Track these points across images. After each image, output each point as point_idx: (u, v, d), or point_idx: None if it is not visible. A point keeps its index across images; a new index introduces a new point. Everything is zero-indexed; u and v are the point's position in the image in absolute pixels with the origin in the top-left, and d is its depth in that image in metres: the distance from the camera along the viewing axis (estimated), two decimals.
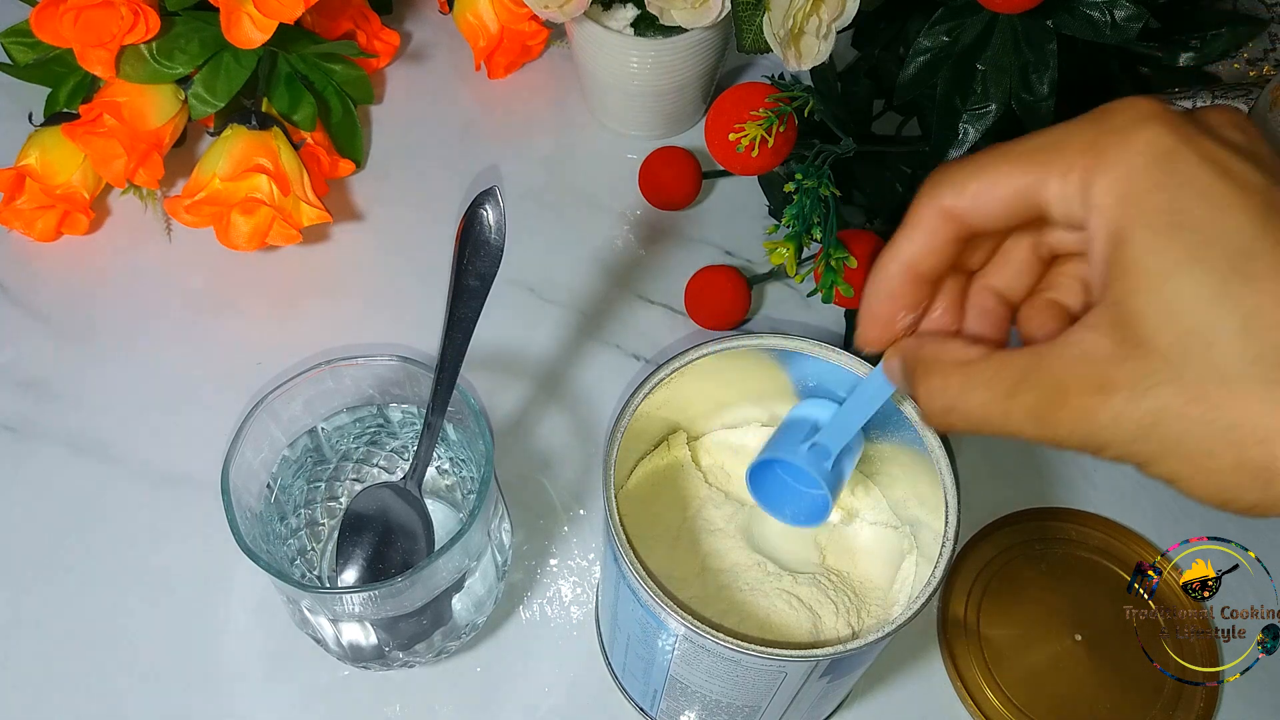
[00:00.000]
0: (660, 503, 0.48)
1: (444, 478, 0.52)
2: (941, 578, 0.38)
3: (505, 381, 0.60)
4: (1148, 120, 0.26)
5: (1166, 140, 0.26)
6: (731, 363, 0.44)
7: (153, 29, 0.58)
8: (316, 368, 0.46)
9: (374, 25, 0.71)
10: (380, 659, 0.47)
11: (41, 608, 0.52)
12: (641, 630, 0.41)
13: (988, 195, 0.29)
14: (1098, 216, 0.26)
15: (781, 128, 0.51)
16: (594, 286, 0.64)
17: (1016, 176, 0.28)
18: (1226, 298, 0.24)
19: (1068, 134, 0.27)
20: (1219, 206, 0.25)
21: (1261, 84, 0.59)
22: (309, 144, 0.64)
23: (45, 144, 0.61)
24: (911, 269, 0.31)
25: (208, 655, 0.51)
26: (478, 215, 0.42)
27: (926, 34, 0.51)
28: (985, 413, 0.29)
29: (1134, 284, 0.25)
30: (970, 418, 0.29)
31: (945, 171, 0.30)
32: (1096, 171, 0.26)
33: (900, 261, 0.31)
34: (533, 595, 0.54)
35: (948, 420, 0.30)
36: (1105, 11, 0.48)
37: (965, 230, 0.30)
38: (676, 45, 0.63)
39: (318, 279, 0.64)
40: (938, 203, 0.30)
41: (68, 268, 0.64)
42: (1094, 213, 0.26)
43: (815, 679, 0.39)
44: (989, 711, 0.50)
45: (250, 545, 0.41)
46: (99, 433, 0.57)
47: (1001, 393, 0.28)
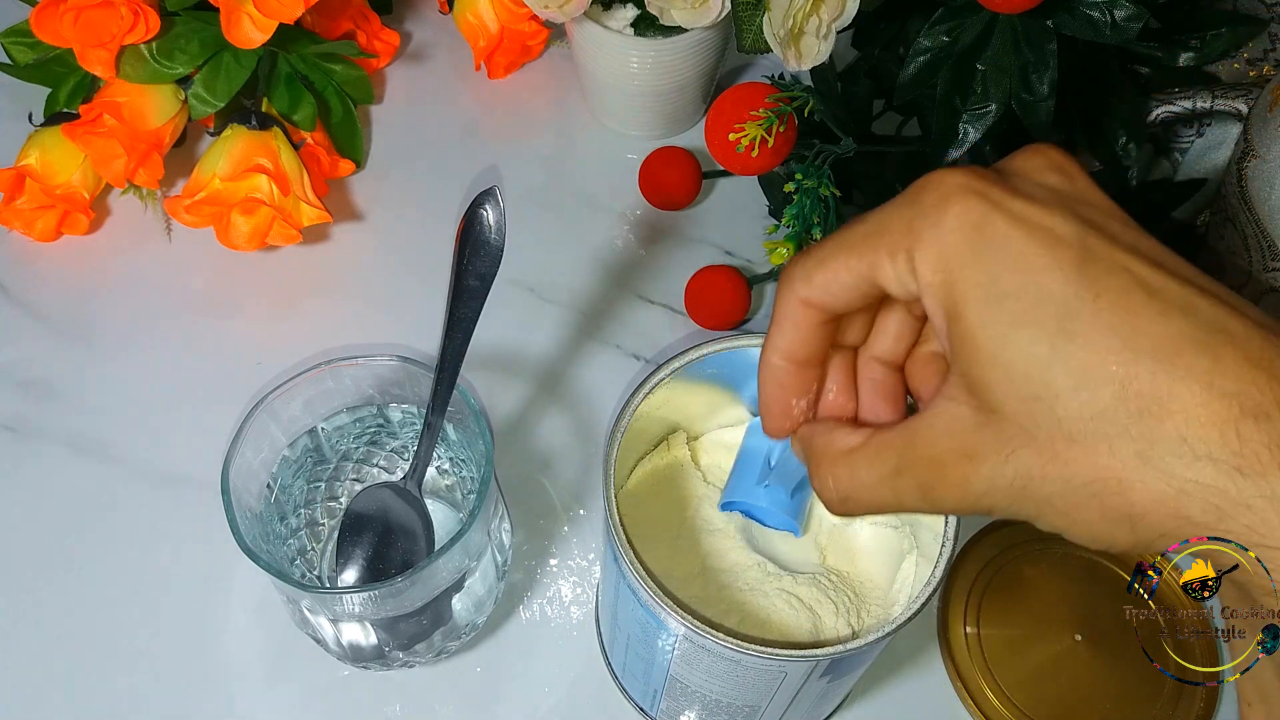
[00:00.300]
0: (660, 503, 0.48)
1: (444, 478, 0.52)
2: (941, 578, 0.38)
3: (505, 381, 0.60)
4: (955, 195, 0.26)
5: (975, 212, 0.26)
6: (731, 363, 0.44)
7: (153, 29, 0.58)
8: (316, 368, 0.46)
9: (374, 25, 0.71)
10: (380, 659, 0.47)
11: (41, 608, 0.52)
12: (641, 630, 0.41)
13: (834, 284, 0.29)
14: (928, 295, 0.27)
15: (781, 128, 0.51)
16: (594, 286, 0.64)
17: (854, 263, 0.29)
18: (1057, 359, 0.25)
19: (888, 218, 0.28)
20: (1034, 269, 0.25)
21: (1261, 84, 0.59)
22: (309, 144, 0.64)
23: (45, 144, 0.61)
24: (789, 358, 0.32)
25: (208, 655, 0.51)
26: (478, 215, 0.42)
27: (926, 34, 0.51)
28: (876, 496, 0.29)
29: (973, 355, 0.26)
30: (864, 503, 0.30)
31: (795, 264, 0.30)
32: (916, 253, 0.27)
33: (778, 352, 0.32)
34: (533, 595, 0.54)
35: (846, 509, 0.30)
36: (1105, 11, 0.48)
37: (826, 315, 0.31)
38: (676, 45, 0.63)
39: (318, 279, 0.64)
40: (794, 295, 0.30)
41: (68, 268, 0.64)
42: (925, 291, 0.27)
43: (815, 679, 0.39)
44: (989, 711, 0.50)
45: (250, 545, 0.41)
46: (99, 433, 0.57)
47: (886, 474, 0.29)
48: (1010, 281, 0.25)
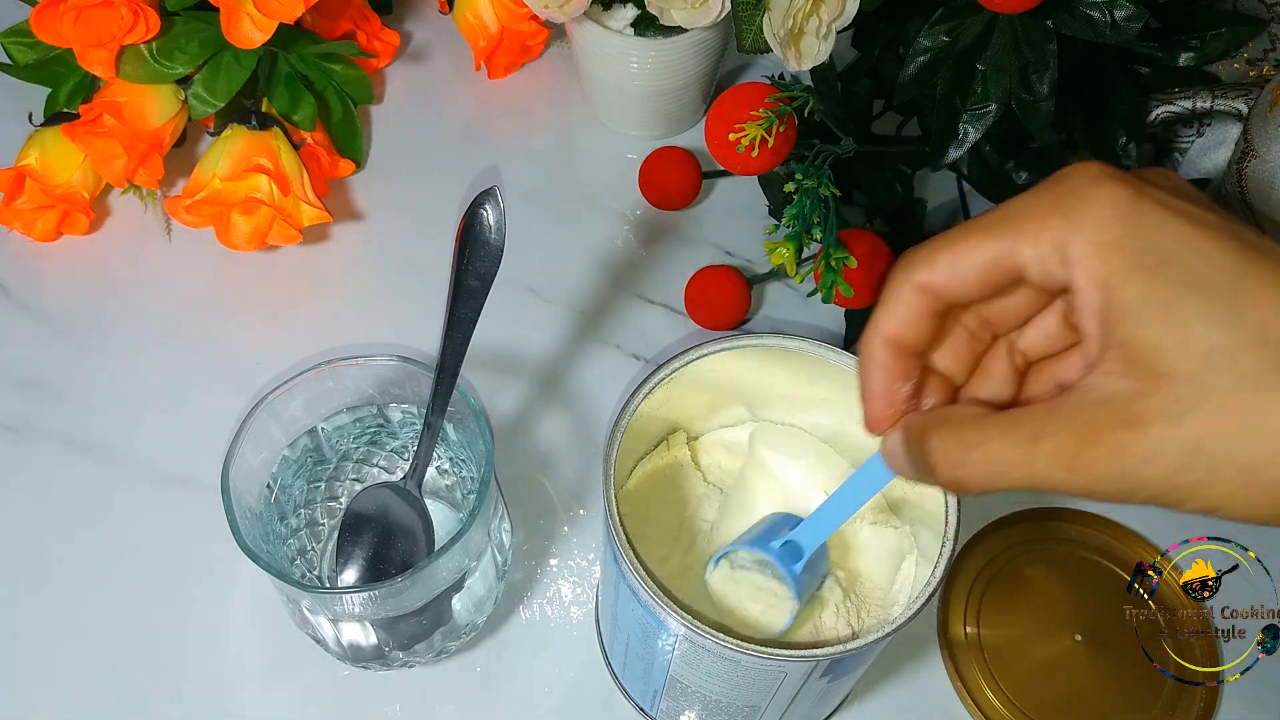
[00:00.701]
0: (660, 503, 0.48)
1: (444, 478, 0.52)
2: (941, 578, 0.38)
3: (505, 381, 0.60)
4: (1102, 179, 0.27)
5: (1125, 193, 0.27)
6: (731, 363, 0.44)
7: (153, 29, 0.58)
8: (316, 368, 0.46)
9: (374, 25, 0.71)
10: (380, 659, 0.47)
11: (41, 607, 0.52)
12: (641, 630, 0.41)
13: (959, 266, 0.30)
14: (1080, 269, 0.27)
15: (781, 128, 0.51)
16: (594, 286, 0.64)
17: (987, 246, 0.29)
18: (1232, 317, 0.25)
19: (1028, 202, 0.29)
20: (1192, 242, 0.26)
21: (1261, 84, 0.59)
22: (309, 144, 0.64)
23: (45, 144, 0.61)
24: (894, 343, 0.32)
25: (208, 655, 0.51)
26: (478, 215, 0.42)
27: (926, 34, 0.51)
28: (1004, 460, 0.28)
29: (1139, 321, 0.26)
30: (987, 467, 0.29)
31: (915, 250, 0.31)
32: (1068, 229, 0.27)
33: (882, 336, 0.32)
34: (533, 595, 0.54)
35: (960, 472, 0.30)
36: (1105, 11, 0.48)
37: (940, 303, 0.31)
38: (676, 45, 0.63)
39: (318, 279, 0.64)
40: (911, 279, 0.31)
41: (68, 268, 0.64)
42: (1075, 267, 0.27)
43: (815, 679, 0.39)
44: (989, 711, 0.50)
45: (250, 545, 0.41)
46: (99, 433, 0.57)
47: (1023, 439, 0.28)
48: (1174, 250, 0.26)
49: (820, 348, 0.43)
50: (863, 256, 0.53)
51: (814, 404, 0.46)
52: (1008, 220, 0.29)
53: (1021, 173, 0.62)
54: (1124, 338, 0.27)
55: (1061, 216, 0.27)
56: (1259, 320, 0.25)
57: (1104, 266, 0.27)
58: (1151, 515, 0.56)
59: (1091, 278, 0.27)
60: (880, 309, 0.32)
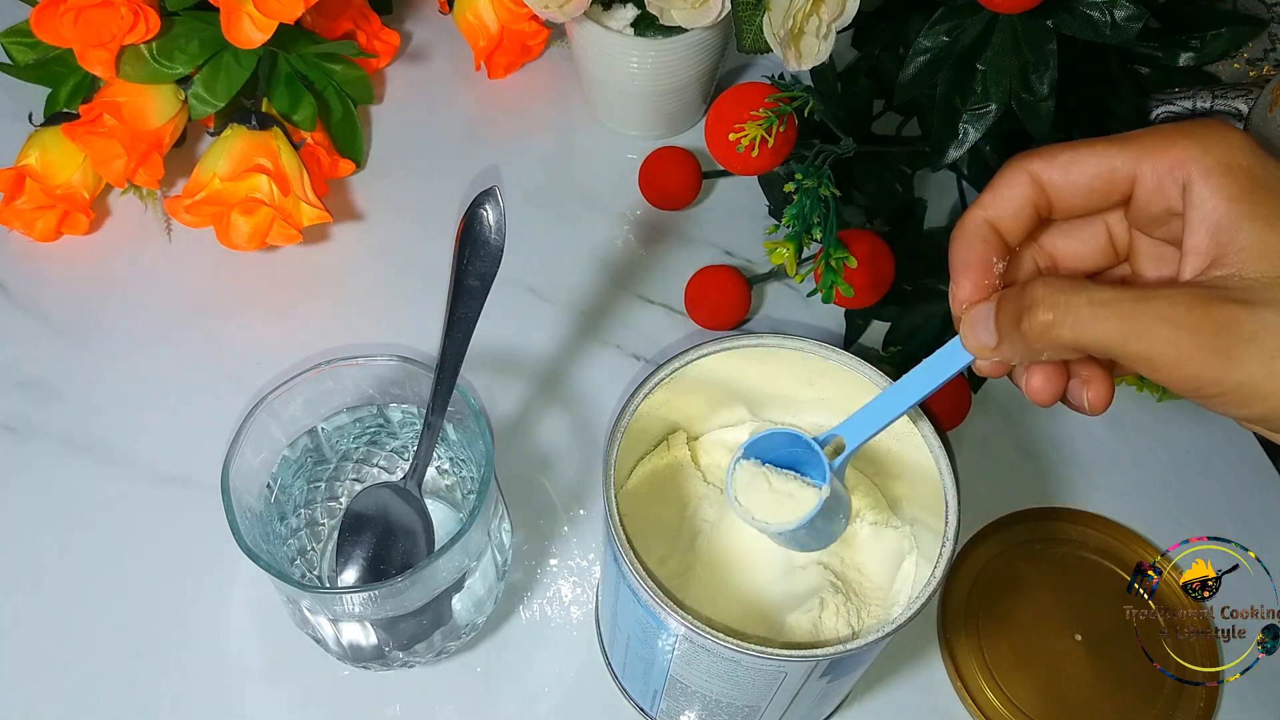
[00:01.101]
0: (660, 503, 0.48)
1: (444, 478, 0.52)
2: (941, 578, 0.38)
3: (505, 381, 0.60)
4: (1229, 128, 0.30)
5: (1249, 140, 0.30)
6: (731, 362, 0.44)
7: (153, 29, 0.58)
8: (316, 368, 0.46)
9: (374, 25, 0.71)
10: (380, 659, 0.47)
11: (41, 607, 0.52)
12: (641, 630, 0.41)
13: (1075, 167, 0.32)
14: (1205, 185, 0.30)
15: (781, 128, 0.51)
16: (594, 286, 0.64)
17: (1109, 157, 0.31)
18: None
19: (1154, 130, 0.31)
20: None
21: (1261, 84, 0.59)
22: (309, 144, 0.64)
23: (45, 144, 0.61)
24: (993, 224, 0.33)
25: (207, 655, 0.51)
26: (478, 215, 0.42)
27: (926, 34, 0.51)
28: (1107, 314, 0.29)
29: (1261, 228, 0.29)
30: (1087, 319, 0.29)
31: (1037, 149, 0.33)
32: (1199, 150, 0.30)
33: (986, 213, 0.33)
34: (533, 595, 0.54)
35: (1056, 330, 0.30)
36: (1105, 11, 0.48)
37: (1044, 200, 0.33)
38: (676, 45, 0.63)
39: (318, 279, 0.64)
40: (1026, 165, 0.32)
41: (68, 268, 0.64)
42: (1198, 184, 0.30)
43: (815, 679, 0.39)
44: (989, 711, 0.50)
45: (250, 545, 0.41)
46: (99, 432, 0.57)
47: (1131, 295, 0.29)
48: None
49: (820, 348, 0.43)
50: (863, 256, 0.53)
51: (814, 404, 0.46)
52: (1130, 139, 0.31)
53: None
54: (1244, 243, 0.29)
55: (1192, 141, 0.30)
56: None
57: (1232, 184, 0.29)
58: (1152, 515, 0.56)
59: (1217, 191, 0.29)
60: (988, 191, 0.33)
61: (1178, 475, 0.58)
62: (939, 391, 0.36)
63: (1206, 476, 0.59)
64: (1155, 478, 0.58)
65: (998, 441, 0.59)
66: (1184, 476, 0.58)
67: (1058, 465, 0.58)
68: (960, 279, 0.34)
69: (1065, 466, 0.58)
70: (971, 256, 0.34)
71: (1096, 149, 0.32)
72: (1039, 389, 0.34)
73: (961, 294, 0.34)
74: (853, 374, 0.43)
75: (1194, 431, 0.60)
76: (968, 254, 0.34)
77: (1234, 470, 0.59)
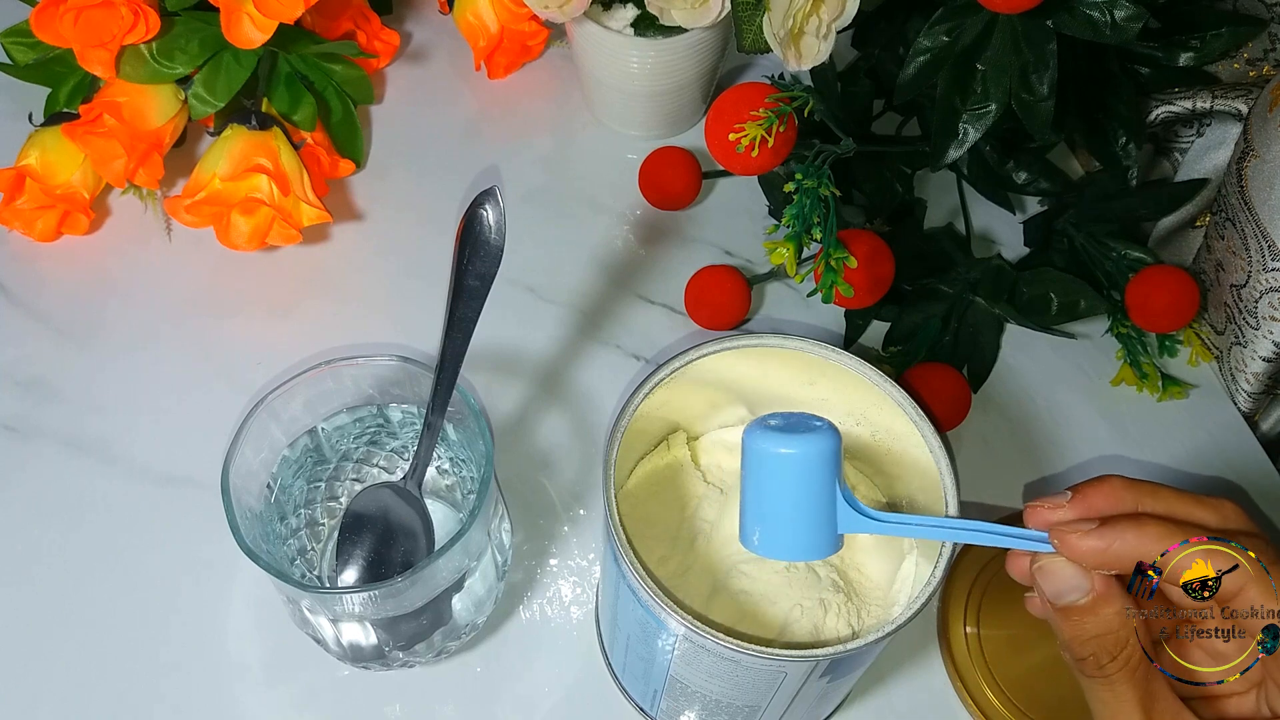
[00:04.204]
0: (660, 503, 0.48)
1: (444, 478, 0.52)
2: (941, 578, 0.38)
3: (505, 381, 0.60)
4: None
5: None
6: (731, 362, 0.44)
7: (153, 29, 0.58)
8: (316, 368, 0.46)
9: (374, 25, 0.71)
10: (380, 659, 0.47)
11: (40, 607, 0.52)
12: (641, 630, 0.41)
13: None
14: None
15: (781, 128, 0.51)
16: (594, 286, 0.64)
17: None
18: None
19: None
20: None
21: (1261, 84, 0.59)
22: (309, 144, 0.64)
23: (45, 144, 0.61)
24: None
25: (207, 655, 0.51)
26: (478, 215, 0.42)
27: (926, 34, 0.51)
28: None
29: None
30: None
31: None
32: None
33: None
34: (533, 595, 0.54)
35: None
36: (1105, 11, 0.48)
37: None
38: (676, 45, 0.63)
39: (318, 279, 0.64)
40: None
41: (68, 268, 0.64)
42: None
43: (815, 679, 0.39)
44: (989, 711, 0.50)
45: (250, 545, 0.41)
46: (99, 432, 0.57)
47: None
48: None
49: (820, 348, 0.43)
50: (863, 256, 0.53)
51: (814, 404, 0.46)
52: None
53: (1021, 173, 0.62)
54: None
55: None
56: None
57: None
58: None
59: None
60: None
61: (1178, 475, 0.58)
62: (939, 392, 0.36)
63: (1206, 476, 0.59)
64: (1155, 478, 0.58)
65: (998, 441, 0.59)
66: (1184, 476, 0.58)
67: (1057, 465, 0.58)
68: (1086, 493, 0.35)
69: (1065, 466, 0.58)
70: (1095, 500, 0.35)
71: None
72: (1038, 609, 0.36)
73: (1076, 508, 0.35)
74: (853, 374, 0.43)
75: (1194, 431, 0.60)
76: (1092, 496, 0.35)
77: (1234, 470, 0.59)
